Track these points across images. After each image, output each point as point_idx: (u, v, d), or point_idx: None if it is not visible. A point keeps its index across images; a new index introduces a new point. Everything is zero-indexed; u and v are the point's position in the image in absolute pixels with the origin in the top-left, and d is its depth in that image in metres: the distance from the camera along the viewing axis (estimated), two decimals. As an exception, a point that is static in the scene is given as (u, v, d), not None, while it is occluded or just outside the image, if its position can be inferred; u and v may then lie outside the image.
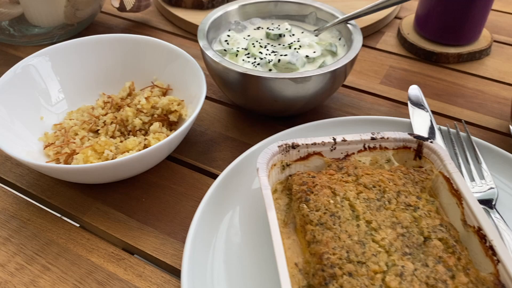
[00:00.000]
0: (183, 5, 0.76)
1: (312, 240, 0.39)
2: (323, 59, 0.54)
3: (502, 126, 0.57)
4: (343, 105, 0.60)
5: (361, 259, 0.37)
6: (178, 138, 0.47)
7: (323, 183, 0.43)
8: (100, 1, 0.72)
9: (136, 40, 0.56)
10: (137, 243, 0.44)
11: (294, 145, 0.45)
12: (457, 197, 0.41)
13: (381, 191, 0.42)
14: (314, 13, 0.61)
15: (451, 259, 0.37)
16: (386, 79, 0.65)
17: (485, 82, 0.65)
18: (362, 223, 0.40)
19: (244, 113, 0.59)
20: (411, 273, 0.36)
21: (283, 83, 0.49)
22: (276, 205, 0.44)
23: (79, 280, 0.41)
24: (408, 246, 0.38)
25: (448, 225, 0.40)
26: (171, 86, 0.56)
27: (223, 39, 0.58)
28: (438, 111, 0.59)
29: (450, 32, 0.67)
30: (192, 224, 0.41)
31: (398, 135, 0.46)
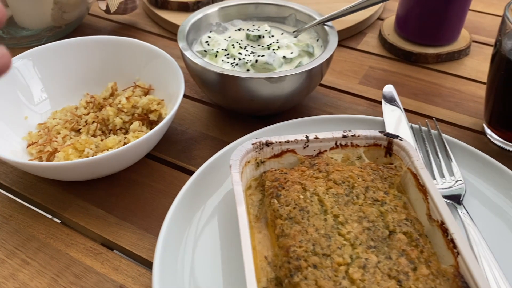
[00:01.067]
0: (169, 7, 0.77)
1: (280, 234, 0.40)
2: (300, 59, 0.56)
3: (476, 125, 0.59)
4: (322, 104, 0.62)
5: (326, 252, 0.38)
6: (156, 135, 0.48)
7: (294, 179, 0.44)
8: (88, 3, 0.74)
9: (118, 42, 0.58)
10: (115, 238, 0.46)
11: (268, 143, 0.47)
12: (423, 193, 0.43)
13: (350, 186, 0.44)
14: (294, 15, 0.62)
15: (414, 252, 0.39)
16: (365, 79, 0.66)
17: (462, 81, 0.66)
18: (329, 217, 0.41)
19: (224, 112, 0.60)
20: (374, 265, 0.38)
21: (258, 83, 0.50)
22: (249, 201, 0.46)
23: (57, 274, 0.42)
24: (373, 239, 0.40)
25: (413, 220, 0.42)
26: (152, 86, 0.58)
27: (203, 40, 0.59)
28: (414, 110, 0.61)
29: (429, 33, 0.68)
30: (165, 219, 0.42)
31: (369, 133, 0.48)
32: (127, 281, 0.42)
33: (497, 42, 0.50)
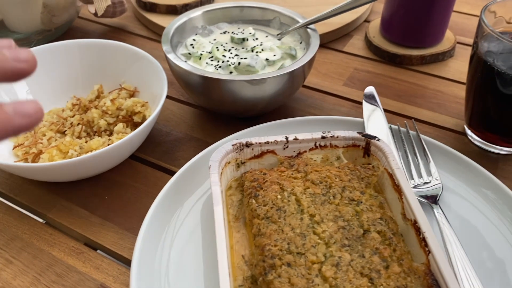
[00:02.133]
0: (157, 10, 0.78)
1: (257, 233, 0.41)
2: (283, 62, 0.57)
3: (458, 125, 0.60)
4: (306, 105, 0.62)
5: (301, 251, 0.39)
6: (139, 136, 0.49)
7: (273, 179, 0.45)
8: (77, 7, 0.75)
9: (102, 44, 0.59)
10: (97, 238, 0.46)
11: (248, 144, 0.48)
12: (398, 192, 0.44)
13: (327, 186, 0.45)
14: (278, 18, 0.63)
15: (387, 250, 0.40)
16: (350, 81, 0.67)
17: (446, 82, 0.67)
18: (305, 216, 0.42)
19: (209, 114, 0.61)
20: (347, 263, 0.38)
21: (240, 85, 0.51)
22: (229, 201, 0.47)
23: (39, 273, 0.43)
24: (348, 238, 0.40)
25: (388, 219, 0.42)
26: (138, 88, 0.59)
27: (188, 43, 0.60)
28: (397, 111, 0.61)
29: (413, 35, 0.69)
30: (145, 219, 0.43)
31: (347, 134, 0.49)
32: (107, 280, 0.43)
33: (474, 44, 0.51)
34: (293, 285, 0.37)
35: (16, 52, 0.26)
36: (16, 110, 0.23)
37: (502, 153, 0.55)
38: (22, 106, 0.24)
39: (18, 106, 0.24)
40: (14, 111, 0.23)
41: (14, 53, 0.25)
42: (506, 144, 0.54)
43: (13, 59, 0.25)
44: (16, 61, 0.25)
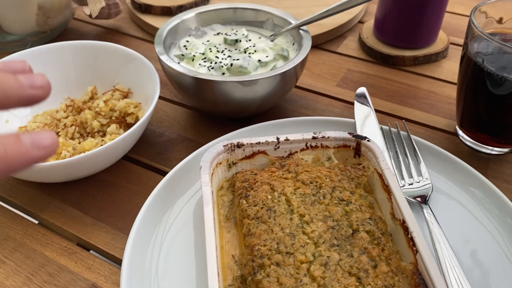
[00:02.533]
0: (152, 12, 0.79)
1: (247, 233, 0.42)
2: (275, 63, 0.57)
3: (449, 126, 0.60)
4: (299, 106, 0.63)
5: (290, 250, 0.39)
6: (131, 137, 0.50)
7: (264, 180, 0.46)
8: (72, 8, 0.75)
9: (96, 46, 0.59)
10: (89, 238, 0.47)
11: (239, 144, 0.48)
12: (387, 192, 0.44)
13: (317, 186, 0.45)
14: (271, 19, 0.63)
15: (375, 250, 0.40)
16: (343, 82, 0.67)
17: (438, 83, 0.67)
18: (295, 216, 0.42)
19: (202, 115, 0.61)
20: (335, 263, 0.39)
21: (232, 86, 0.52)
22: (220, 201, 0.47)
23: (32, 273, 0.44)
24: (337, 238, 0.41)
25: (377, 219, 0.43)
26: (131, 89, 0.59)
27: (182, 44, 0.60)
28: (389, 112, 0.62)
29: (406, 36, 0.70)
30: (136, 219, 0.43)
31: (338, 135, 0.49)
32: (99, 280, 0.43)
33: (464, 45, 0.52)
34: (282, 285, 0.37)
35: (32, 78, 0.26)
36: (33, 143, 0.24)
37: (493, 153, 0.55)
38: (39, 138, 0.24)
39: (35, 138, 0.24)
40: (32, 144, 0.24)
41: (30, 79, 0.26)
42: (496, 144, 0.54)
43: (29, 86, 0.26)
44: (32, 88, 0.26)
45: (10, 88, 0.25)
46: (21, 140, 0.23)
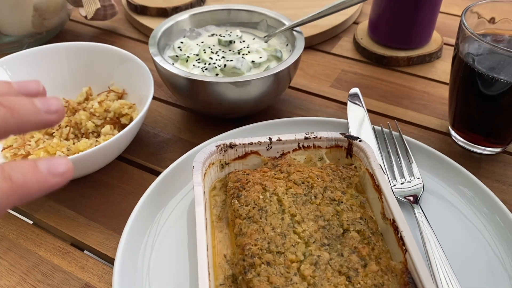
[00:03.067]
0: (148, 13, 0.79)
1: (239, 233, 0.42)
2: (268, 64, 0.57)
3: (442, 126, 0.60)
4: (293, 107, 0.63)
5: (281, 250, 0.40)
6: (125, 138, 0.50)
7: (256, 180, 0.46)
8: (68, 10, 0.76)
9: (90, 47, 0.60)
10: (83, 238, 0.47)
11: (232, 145, 0.48)
12: (378, 192, 0.44)
13: (309, 186, 0.45)
14: (265, 21, 0.64)
15: (365, 249, 0.40)
16: (337, 82, 0.68)
17: (432, 84, 0.68)
18: (286, 216, 0.43)
19: (197, 115, 0.62)
20: (325, 262, 0.39)
21: (225, 87, 0.52)
22: (213, 201, 0.47)
23: (25, 272, 0.44)
24: (327, 237, 0.41)
25: (368, 218, 0.43)
26: (126, 90, 0.60)
27: (176, 45, 0.61)
28: (382, 112, 0.62)
29: (400, 36, 0.70)
30: (129, 219, 0.44)
31: (330, 135, 0.49)
32: (92, 279, 0.43)
33: (456, 46, 0.52)
34: (272, 284, 0.37)
35: (48, 103, 0.26)
36: (49, 170, 0.24)
37: (485, 153, 0.55)
38: (55, 165, 0.24)
39: (51, 166, 0.24)
40: (48, 171, 0.24)
41: (46, 105, 0.26)
42: (488, 144, 0.55)
43: (45, 111, 0.26)
44: (48, 113, 0.26)
45: (27, 114, 0.25)
46: (39, 168, 0.24)
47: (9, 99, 0.25)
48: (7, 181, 0.23)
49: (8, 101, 0.25)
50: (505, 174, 0.53)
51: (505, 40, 0.53)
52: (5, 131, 0.24)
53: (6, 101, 0.25)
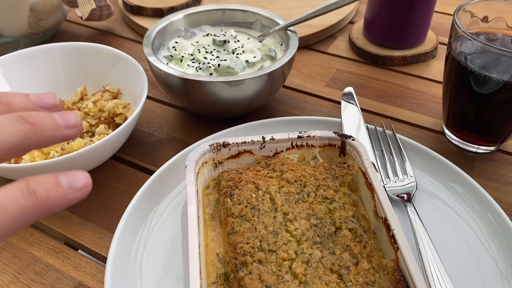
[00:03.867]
0: (144, 13, 0.79)
1: (231, 231, 0.42)
2: (262, 63, 0.58)
3: (437, 125, 0.60)
4: (287, 106, 0.63)
5: (273, 248, 0.40)
6: (119, 137, 0.50)
7: (248, 178, 0.46)
8: (64, 10, 0.76)
9: (84, 47, 0.60)
10: (77, 237, 0.47)
11: (225, 144, 0.48)
12: (370, 191, 0.44)
13: (301, 185, 0.45)
14: (260, 20, 0.64)
15: (357, 247, 0.40)
16: (332, 82, 0.68)
17: (427, 83, 0.68)
18: (279, 214, 0.43)
19: (191, 115, 0.62)
20: (317, 260, 0.39)
21: (218, 86, 0.52)
22: (206, 200, 0.47)
23: (19, 271, 0.44)
24: (320, 235, 0.41)
25: (360, 217, 0.43)
26: (121, 90, 0.60)
27: (171, 45, 0.61)
28: (377, 111, 0.62)
29: (394, 36, 0.70)
30: (122, 218, 0.44)
31: (323, 134, 0.49)
32: (85, 278, 0.43)
33: (448, 45, 0.52)
34: (263, 282, 0.37)
35: (66, 117, 0.27)
36: (70, 185, 0.24)
37: (479, 151, 0.56)
38: (75, 179, 0.25)
39: (72, 180, 0.24)
40: (69, 186, 0.24)
41: (65, 119, 0.27)
42: (482, 143, 0.55)
43: (64, 126, 0.26)
44: (67, 128, 0.27)
45: (48, 129, 0.26)
46: (60, 183, 0.24)
47: (31, 114, 0.25)
48: (32, 197, 0.23)
49: (31, 116, 0.25)
50: (499, 172, 0.53)
51: (498, 39, 0.53)
52: (28, 146, 0.25)
53: (28, 116, 0.25)
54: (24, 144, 0.25)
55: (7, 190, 0.23)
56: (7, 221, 0.22)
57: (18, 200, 0.22)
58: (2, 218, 0.22)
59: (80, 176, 0.25)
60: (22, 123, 0.24)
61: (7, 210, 0.22)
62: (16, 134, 0.24)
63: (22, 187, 0.23)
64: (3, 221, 0.22)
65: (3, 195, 0.22)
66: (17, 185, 0.23)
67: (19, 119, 0.25)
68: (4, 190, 0.23)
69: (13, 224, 0.22)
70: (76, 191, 0.24)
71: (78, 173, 0.25)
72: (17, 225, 0.23)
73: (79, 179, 0.25)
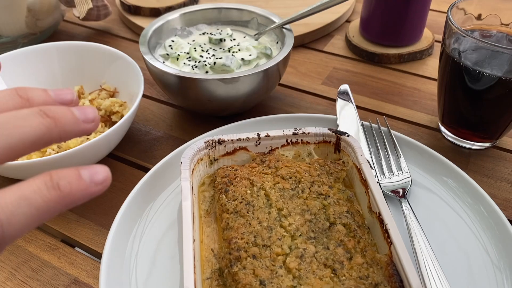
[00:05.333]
0: (141, 13, 0.80)
1: (226, 227, 0.42)
2: (258, 61, 0.58)
3: (432, 122, 0.61)
4: (284, 104, 0.64)
5: (267, 243, 0.40)
6: (115, 134, 0.50)
7: (243, 175, 0.46)
8: (62, 10, 0.76)
9: (80, 46, 0.60)
10: (73, 234, 0.47)
11: (220, 141, 0.49)
12: (365, 186, 0.45)
13: (296, 181, 0.46)
14: (256, 19, 0.64)
15: (351, 242, 0.40)
16: (328, 80, 0.68)
17: (423, 80, 0.68)
18: (273, 210, 0.43)
19: (188, 113, 0.62)
20: (311, 255, 0.39)
21: (214, 84, 0.52)
22: (201, 197, 0.48)
23: (15, 268, 0.44)
24: (314, 231, 0.41)
25: (354, 212, 0.43)
26: (118, 88, 0.60)
27: (167, 44, 0.61)
28: (373, 109, 0.62)
29: (390, 34, 0.70)
30: (118, 214, 0.44)
31: (318, 130, 0.50)
32: (81, 274, 0.44)
33: (443, 42, 0.52)
34: (257, 276, 0.37)
35: (85, 112, 0.27)
36: (91, 179, 0.25)
37: (474, 148, 0.56)
38: (96, 173, 0.25)
39: (92, 174, 0.25)
40: (90, 180, 0.25)
41: (84, 114, 0.27)
42: (477, 139, 0.55)
43: (83, 120, 0.27)
44: (86, 122, 0.27)
45: (68, 123, 0.26)
46: (82, 177, 0.24)
47: (52, 108, 0.26)
48: (56, 190, 0.23)
49: (51, 110, 0.25)
50: (494, 168, 0.53)
51: (492, 35, 0.53)
52: (49, 140, 0.25)
53: (49, 110, 0.25)
54: (45, 138, 0.25)
55: (32, 183, 0.23)
56: (33, 214, 0.23)
57: (43, 193, 0.23)
58: (28, 211, 0.22)
59: (101, 170, 0.25)
60: (44, 117, 0.25)
61: (33, 202, 0.23)
62: (39, 128, 0.24)
63: (46, 180, 0.23)
64: (29, 213, 0.22)
65: (28, 188, 0.23)
66: (41, 178, 0.23)
67: (41, 113, 0.25)
68: (29, 183, 0.23)
69: (38, 216, 0.23)
70: (97, 185, 0.25)
71: (99, 167, 0.25)
72: (41, 217, 0.23)
73: (99, 173, 0.25)
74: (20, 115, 0.25)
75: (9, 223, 0.22)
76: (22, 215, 0.22)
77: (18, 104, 0.26)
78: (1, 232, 0.21)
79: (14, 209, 0.22)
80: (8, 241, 0.22)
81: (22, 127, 0.24)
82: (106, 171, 0.26)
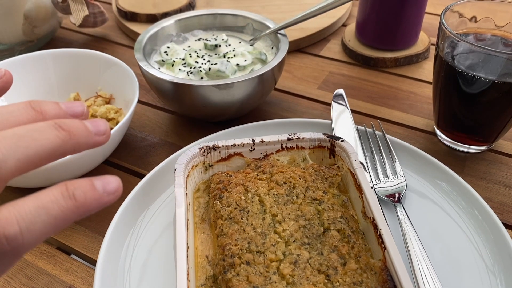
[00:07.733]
0: (138, 19, 0.80)
1: (220, 233, 0.42)
2: (253, 66, 0.58)
3: (428, 126, 0.60)
4: (279, 109, 0.64)
5: (261, 249, 0.40)
6: (109, 141, 0.50)
7: (238, 181, 0.46)
8: (59, 18, 0.77)
9: (76, 53, 0.60)
10: (68, 241, 0.48)
11: (215, 147, 0.49)
12: (359, 191, 0.45)
13: (291, 187, 0.46)
14: (251, 24, 0.64)
15: (345, 247, 0.40)
16: (324, 84, 0.68)
17: (419, 84, 0.68)
18: (268, 216, 0.43)
19: (184, 119, 0.62)
20: (305, 261, 0.39)
21: (209, 89, 0.53)
22: (196, 203, 0.48)
23: (10, 276, 0.44)
24: (308, 236, 0.41)
25: (348, 217, 0.43)
26: (113, 95, 0.60)
27: (162, 50, 0.61)
28: (369, 113, 0.62)
29: (386, 38, 0.71)
30: (112, 222, 0.44)
31: (313, 135, 0.50)
32: (76, 282, 0.44)
33: (437, 46, 0.52)
34: (251, 283, 0.37)
35: (97, 124, 0.28)
36: (104, 189, 0.26)
37: (469, 151, 0.56)
38: (108, 183, 0.26)
39: (105, 185, 0.26)
40: (103, 190, 0.25)
41: (96, 126, 0.28)
42: (473, 142, 0.55)
43: (95, 133, 0.28)
44: (98, 135, 0.28)
45: (82, 136, 0.27)
46: (95, 187, 0.25)
47: (66, 122, 0.26)
48: (72, 200, 0.24)
49: (66, 124, 0.26)
50: (490, 172, 0.53)
51: (487, 39, 0.53)
52: (64, 152, 0.26)
53: (64, 124, 0.26)
54: (60, 150, 0.26)
55: (49, 193, 0.24)
56: (51, 222, 0.23)
57: (60, 202, 0.24)
58: (47, 220, 0.23)
59: (112, 181, 0.26)
60: (59, 130, 0.26)
61: (51, 212, 0.23)
62: (55, 141, 0.25)
63: (62, 190, 0.24)
64: (47, 222, 0.23)
65: (46, 198, 0.24)
66: (58, 188, 0.24)
67: (56, 127, 0.26)
68: (47, 193, 0.24)
69: (55, 225, 0.24)
70: (109, 195, 0.26)
71: (110, 178, 0.26)
72: (58, 225, 0.24)
73: (111, 183, 0.26)
74: (36, 128, 0.25)
75: (29, 231, 0.23)
76: (41, 224, 0.23)
77: (32, 117, 0.27)
78: (21, 239, 0.22)
79: (34, 218, 0.23)
80: (27, 248, 0.23)
81: (39, 140, 0.25)
82: (118, 181, 0.26)
